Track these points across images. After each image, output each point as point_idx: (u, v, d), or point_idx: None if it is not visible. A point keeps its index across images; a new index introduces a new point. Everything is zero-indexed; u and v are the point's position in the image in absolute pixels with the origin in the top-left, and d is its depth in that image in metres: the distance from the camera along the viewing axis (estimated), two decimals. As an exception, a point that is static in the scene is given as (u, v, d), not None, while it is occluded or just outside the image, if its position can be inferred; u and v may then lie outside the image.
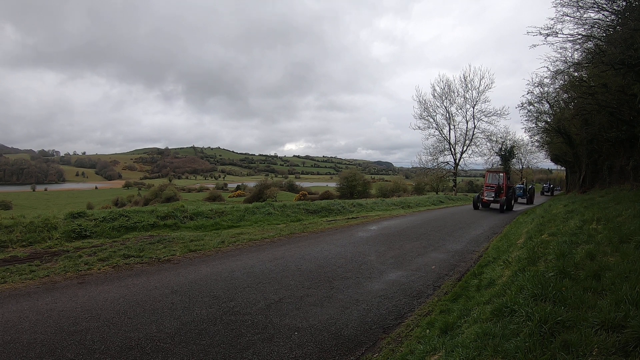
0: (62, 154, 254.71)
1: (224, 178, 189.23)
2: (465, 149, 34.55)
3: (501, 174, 20.80)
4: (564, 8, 11.00)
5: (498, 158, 40.61)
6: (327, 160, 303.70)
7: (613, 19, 10.45)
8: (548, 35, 11.58)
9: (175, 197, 55.97)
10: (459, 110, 34.13)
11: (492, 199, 19.50)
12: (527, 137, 47.01)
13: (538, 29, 11.68)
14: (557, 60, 14.80)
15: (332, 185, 70.44)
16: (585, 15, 10.88)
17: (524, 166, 53.87)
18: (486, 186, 20.36)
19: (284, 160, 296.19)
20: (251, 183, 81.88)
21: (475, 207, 19.59)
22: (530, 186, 30.15)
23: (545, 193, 40.65)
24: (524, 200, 27.61)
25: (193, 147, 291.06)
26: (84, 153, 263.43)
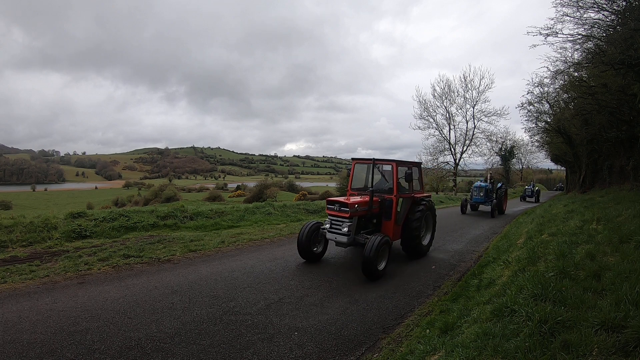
0: (62, 154, 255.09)
1: (224, 178, 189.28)
2: (465, 149, 34.58)
3: (387, 167, 7.80)
4: (564, 8, 11.03)
5: (498, 158, 40.63)
6: (327, 160, 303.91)
7: (613, 19, 10.45)
8: (548, 35, 11.60)
9: (175, 197, 55.97)
10: (459, 110, 34.15)
11: (345, 235, 6.52)
12: (527, 137, 47.06)
13: (538, 29, 11.71)
14: (557, 60, 14.84)
15: (332, 185, 70.42)
16: (585, 15, 10.90)
17: (524, 166, 53.78)
18: (328, 205, 6.89)
19: (284, 160, 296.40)
20: (251, 183, 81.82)
21: (306, 255, 6.84)
22: (499, 185, 18.69)
23: (527, 199, 29.82)
24: (488, 207, 17.34)
25: (193, 147, 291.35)
26: (84, 153, 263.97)
